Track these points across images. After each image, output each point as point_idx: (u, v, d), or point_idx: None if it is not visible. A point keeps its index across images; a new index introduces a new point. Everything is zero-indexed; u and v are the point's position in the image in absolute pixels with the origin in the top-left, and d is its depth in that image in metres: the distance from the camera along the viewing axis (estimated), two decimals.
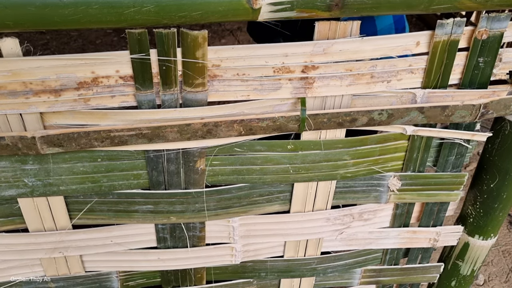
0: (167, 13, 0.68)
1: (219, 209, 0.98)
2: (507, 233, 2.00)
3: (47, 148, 0.81)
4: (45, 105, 0.79)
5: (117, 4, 0.66)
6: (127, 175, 0.90)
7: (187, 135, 0.82)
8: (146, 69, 0.77)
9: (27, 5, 0.64)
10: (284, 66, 0.81)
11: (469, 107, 0.92)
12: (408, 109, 0.89)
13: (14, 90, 0.76)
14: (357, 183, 1.03)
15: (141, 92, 0.79)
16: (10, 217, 0.93)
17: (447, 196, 1.09)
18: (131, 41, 0.73)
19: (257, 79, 0.82)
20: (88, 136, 0.81)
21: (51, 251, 0.98)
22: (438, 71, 0.89)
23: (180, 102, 0.82)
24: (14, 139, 0.80)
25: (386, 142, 0.98)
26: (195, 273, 1.10)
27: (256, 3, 0.70)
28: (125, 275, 1.08)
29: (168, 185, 0.93)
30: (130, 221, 0.97)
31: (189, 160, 0.90)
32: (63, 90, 0.77)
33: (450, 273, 1.25)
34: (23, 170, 0.86)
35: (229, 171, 0.93)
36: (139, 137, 0.81)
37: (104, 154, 0.87)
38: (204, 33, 0.73)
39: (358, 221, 1.09)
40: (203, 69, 0.78)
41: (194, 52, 0.75)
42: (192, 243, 1.03)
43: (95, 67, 0.76)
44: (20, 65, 0.74)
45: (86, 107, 0.80)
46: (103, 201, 0.93)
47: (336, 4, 0.73)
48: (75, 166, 0.88)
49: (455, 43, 0.86)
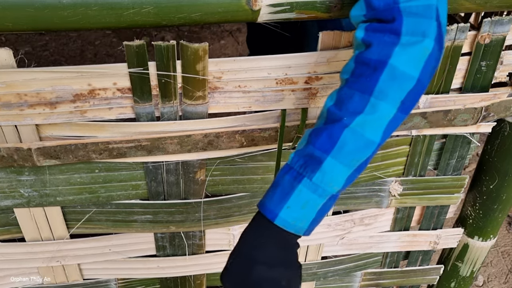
0: (167, 14, 0.67)
1: (219, 218, 0.97)
2: (506, 234, 2.01)
3: (44, 160, 0.80)
4: (41, 117, 0.77)
5: (117, 6, 0.65)
6: (126, 185, 0.89)
7: (188, 146, 0.81)
8: (145, 82, 0.75)
9: (26, 7, 0.63)
10: (287, 77, 0.80)
11: (471, 111, 0.91)
12: (411, 115, 0.88)
13: (8, 101, 0.74)
14: (359, 189, 1.02)
15: (140, 104, 0.77)
16: (6, 227, 0.92)
17: (447, 199, 1.09)
18: (129, 54, 0.71)
19: (259, 90, 0.80)
20: (85, 148, 0.79)
21: (49, 260, 0.97)
22: (440, 77, 0.88)
23: (180, 114, 0.81)
24: (9, 151, 0.78)
25: (388, 148, 0.97)
26: (195, 279, 1.09)
27: (255, 5, 0.69)
28: (124, 282, 1.07)
29: (167, 195, 0.92)
30: (128, 230, 0.96)
31: (189, 171, 0.88)
32: (59, 102, 0.75)
33: (449, 275, 1.25)
34: (19, 181, 0.85)
35: (230, 181, 0.92)
36: (138, 149, 0.80)
37: (102, 165, 0.85)
38: (204, 46, 0.72)
39: (359, 226, 1.08)
40: (203, 83, 0.77)
41: (194, 65, 0.73)
42: (191, 251, 1.02)
43: (91, 79, 0.74)
44: (15, 76, 0.72)
45: (82, 119, 0.78)
46: (101, 211, 0.92)
47: (336, 5, 0.72)
48: (72, 177, 0.86)
49: (459, 48, 0.85)
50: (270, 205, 0.63)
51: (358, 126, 0.61)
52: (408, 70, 0.60)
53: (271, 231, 0.63)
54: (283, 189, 0.63)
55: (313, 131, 0.64)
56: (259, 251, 0.63)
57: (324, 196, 0.63)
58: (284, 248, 0.64)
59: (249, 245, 0.64)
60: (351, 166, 0.63)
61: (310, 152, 0.62)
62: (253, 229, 0.65)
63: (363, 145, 0.62)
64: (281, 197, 0.63)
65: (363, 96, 0.61)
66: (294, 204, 0.62)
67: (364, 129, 0.61)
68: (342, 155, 0.62)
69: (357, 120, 0.61)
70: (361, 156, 0.63)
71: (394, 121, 0.63)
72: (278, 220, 0.62)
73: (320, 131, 0.63)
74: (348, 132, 0.61)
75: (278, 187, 0.63)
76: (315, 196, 0.62)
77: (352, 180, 0.65)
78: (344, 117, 0.61)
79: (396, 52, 0.60)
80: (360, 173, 0.65)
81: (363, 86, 0.61)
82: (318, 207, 0.63)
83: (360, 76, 0.62)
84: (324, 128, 0.62)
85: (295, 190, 0.62)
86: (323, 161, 0.61)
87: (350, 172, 0.63)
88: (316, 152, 0.62)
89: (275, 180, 0.65)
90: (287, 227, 0.63)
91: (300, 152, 0.64)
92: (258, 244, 0.64)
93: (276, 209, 0.63)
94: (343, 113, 0.62)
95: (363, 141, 0.62)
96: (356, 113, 0.61)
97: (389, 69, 0.60)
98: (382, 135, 0.63)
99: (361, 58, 0.62)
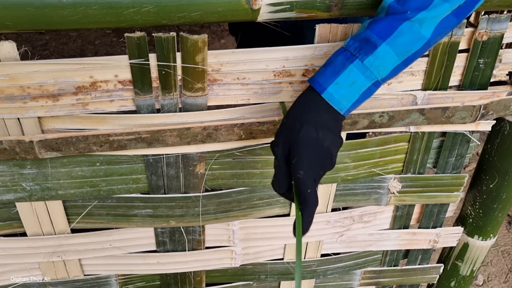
0: (167, 13, 0.68)
1: (218, 213, 0.98)
2: (506, 233, 2.01)
3: (45, 153, 0.80)
4: (43, 109, 0.78)
5: (117, 5, 0.66)
6: (126, 179, 0.90)
7: (187, 139, 0.82)
8: (145, 74, 0.76)
9: (26, 6, 0.63)
10: (285, 69, 0.81)
11: (469, 108, 0.91)
12: (409, 111, 0.89)
13: (11, 94, 0.75)
14: (358, 186, 1.02)
15: (140, 96, 0.78)
16: (8, 221, 0.93)
17: (447, 197, 1.09)
18: (129, 46, 0.72)
19: (257, 83, 0.81)
20: (86, 141, 0.80)
21: (50, 255, 0.98)
22: (438, 73, 0.89)
23: (180, 106, 0.82)
24: (12, 143, 0.79)
25: (387, 144, 0.97)
26: (195, 276, 1.09)
27: (255, 4, 0.70)
28: (124, 278, 1.07)
29: (167, 189, 0.92)
30: (129, 225, 0.96)
31: (188, 164, 0.89)
32: (61, 94, 0.76)
33: (449, 274, 1.25)
34: (21, 174, 0.85)
35: (229, 175, 0.93)
36: (138, 141, 0.81)
37: (103, 158, 0.86)
38: (204, 38, 0.73)
39: (358, 223, 1.08)
40: (203, 74, 0.78)
41: (194, 56, 0.75)
42: (191, 247, 1.03)
43: (93, 71, 0.75)
44: (18, 69, 0.73)
45: (84, 111, 0.79)
46: (102, 205, 0.93)
47: (336, 4, 0.73)
48: (73, 171, 0.87)
49: (456, 45, 0.86)
50: (320, 79, 0.68)
51: (417, 21, 0.66)
52: None
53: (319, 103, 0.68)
54: (334, 67, 0.68)
55: (373, 20, 0.69)
56: (309, 114, 0.69)
57: (371, 79, 0.68)
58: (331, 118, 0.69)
59: (299, 109, 0.70)
60: (401, 56, 0.68)
61: (367, 37, 0.67)
62: (303, 98, 0.70)
63: (416, 38, 0.67)
64: (332, 74, 0.68)
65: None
66: (343, 81, 0.67)
67: (422, 25, 0.67)
68: (397, 44, 0.67)
69: (419, 15, 0.66)
70: (412, 48, 0.68)
71: (446, 22, 0.68)
72: (325, 94, 0.68)
73: (380, 20, 0.67)
74: (407, 25, 0.66)
75: (330, 65, 0.69)
76: (363, 78, 0.68)
77: (397, 71, 0.70)
78: (407, 11, 0.66)
79: None
80: (406, 66, 0.70)
81: None
82: (363, 89, 0.69)
83: None
84: (385, 18, 0.67)
85: (346, 69, 0.67)
86: (378, 46, 0.66)
87: (398, 62, 0.68)
88: (373, 37, 0.66)
89: (328, 60, 0.70)
90: (333, 102, 0.68)
91: (357, 36, 0.68)
92: (308, 109, 0.69)
93: (326, 84, 0.68)
94: (407, 8, 0.66)
95: (417, 35, 0.67)
96: (420, 9, 0.66)
97: None
98: (433, 32, 0.68)
99: None
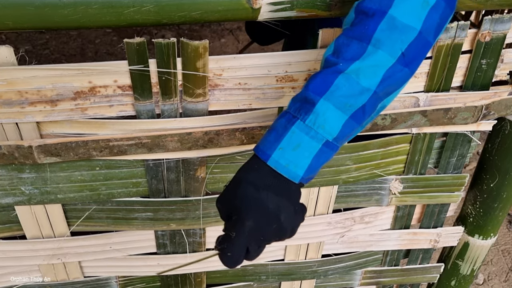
0: (167, 13, 0.67)
1: (219, 216, 0.97)
2: (506, 232, 2.01)
3: (44, 158, 0.80)
4: (41, 114, 0.77)
5: (117, 4, 0.65)
6: (126, 183, 0.89)
7: (188, 144, 0.81)
8: (145, 79, 0.75)
9: (27, 5, 0.63)
10: (287, 75, 0.80)
11: (471, 109, 0.91)
12: (411, 113, 0.88)
13: (9, 99, 0.74)
14: (359, 187, 1.02)
15: (140, 102, 0.77)
16: (7, 224, 0.92)
17: (448, 197, 1.09)
18: (129, 52, 0.71)
19: (259, 88, 0.80)
20: (86, 146, 0.79)
21: (49, 258, 0.97)
22: (441, 75, 0.88)
23: (180, 111, 0.81)
24: (10, 148, 0.78)
25: (388, 146, 0.97)
26: (195, 277, 1.09)
27: (256, 3, 0.70)
28: (125, 280, 1.07)
29: (168, 193, 0.92)
30: (129, 228, 0.96)
31: (189, 168, 0.88)
32: (60, 99, 0.75)
33: (450, 273, 1.25)
34: (20, 178, 0.85)
35: (230, 178, 0.92)
36: (138, 146, 0.80)
37: (103, 162, 0.86)
38: (205, 43, 0.72)
39: (359, 224, 1.08)
40: (204, 80, 0.77)
41: (194, 62, 0.74)
42: (192, 249, 1.02)
43: (92, 76, 0.74)
44: (15, 74, 0.72)
45: (83, 116, 0.78)
46: (102, 208, 0.92)
47: (336, 3, 0.72)
48: (73, 175, 0.86)
49: (459, 46, 0.85)
50: (264, 146, 0.64)
51: (353, 72, 0.62)
52: (408, 21, 0.61)
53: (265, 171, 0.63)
54: (277, 132, 0.63)
55: (309, 78, 0.65)
56: (249, 173, 0.64)
57: (318, 140, 0.63)
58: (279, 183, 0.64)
59: (242, 171, 0.66)
60: (346, 112, 0.62)
61: (305, 95, 0.63)
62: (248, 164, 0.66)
63: (358, 91, 0.62)
64: (275, 139, 0.63)
65: (361, 44, 0.62)
66: (287, 145, 0.62)
67: (359, 76, 0.62)
68: (335, 98, 0.62)
69: (353, 66, 0.62)
70: (356, 102, 0.62)
71: (394, 72, 0.63)
72: (270, 161, 0.63)
73: (316, 76, 0.64)
74: (343, 78, 0.62)
75: (273, 130, 0.64)
76: (308, 138, 0.62)
77: (350, 129, 0.64)
78: (339, 63, 0.62)
79: (396, 2, 0.61)
80: (359, 124, 0.64)
81: (361, 34, 0.62)
82: (313, 152, 0.63)
83: (359, 24, 0.63)
84: (320, 73, 0.63)
85: (288, 132, 0.62)
86: (316, 102, 0.62)
87: (346, 118, 0.63)
88: (311, 95, 0.62)
89: (271, 125, 0.65)
90: (281, 169, 0.63)
91: (296, 97, 0.65)
92: (251, 169, 0.65)
93: (269, 150, 0.63)
94: (340, 60, 0.63)
95: (357, 87, 0.62)
96: (352, 60, 0.62)
97: (388, 19, 0.61)
98: (379, 84, 0.62)
99: (361, 7, 0.63)
